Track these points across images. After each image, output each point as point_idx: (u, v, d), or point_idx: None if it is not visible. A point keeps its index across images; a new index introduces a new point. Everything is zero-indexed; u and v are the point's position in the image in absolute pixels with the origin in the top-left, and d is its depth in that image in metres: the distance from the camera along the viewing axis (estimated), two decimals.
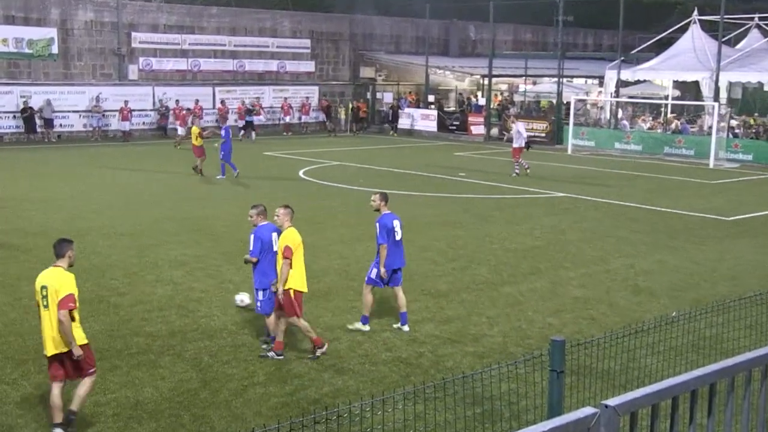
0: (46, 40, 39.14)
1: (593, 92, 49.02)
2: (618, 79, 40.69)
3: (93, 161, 31.56)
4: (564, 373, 5.56)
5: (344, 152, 36.27)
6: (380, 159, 33.56)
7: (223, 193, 23.80)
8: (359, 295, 13.21)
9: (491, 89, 45.63)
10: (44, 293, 7.77)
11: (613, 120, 41.24)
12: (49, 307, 7.77)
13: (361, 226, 18.96)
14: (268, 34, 46.61)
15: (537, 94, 49.66)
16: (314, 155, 34.31)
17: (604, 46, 61.64)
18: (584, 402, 6.92)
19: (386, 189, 24.78)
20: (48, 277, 7.86)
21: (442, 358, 10.37)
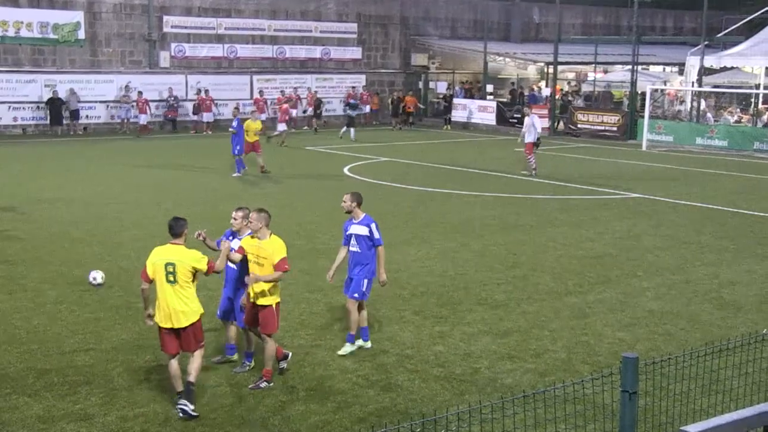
0: (72, 24, 39.91)
1: (672, 81, 48.36)
2: (701, 67, 40.06)
3: (121, 156, 32.10)
4: (637, 395, 5.50)
5: (393, 147, 36.31)
6: (433, 155, 33.55)
7: (262, 192, 24.02)
8: (408, 303, 13.25)
9: (557, 78, 45.30)
10: (171, 269, 8.99)
11: (694, 112, 40.61)
12: (177, 282, 8.98)
13: (412, 228, 18.98)
14: (311, 17, 46.91)
15: (608, 84, 49.17)
16: (360, 150, 34.42)
17: (685, 29, 60.77)
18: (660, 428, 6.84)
19: (439, 188, 24.96)
20: (173, 253, 9.09)
21: (499, 375, 10.33)
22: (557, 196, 24.25)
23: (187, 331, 9.15)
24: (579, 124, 42.55)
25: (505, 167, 29.85)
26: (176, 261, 9.04)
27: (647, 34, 54.20)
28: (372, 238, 11.03)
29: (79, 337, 11.44)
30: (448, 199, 23.33)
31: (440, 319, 12.48)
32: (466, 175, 28.22)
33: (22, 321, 12.11)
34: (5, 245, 16.77)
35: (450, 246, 17.36)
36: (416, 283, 14.49)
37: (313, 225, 19.32)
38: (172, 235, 9.23)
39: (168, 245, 9.23)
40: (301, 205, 21.94)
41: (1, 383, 9.79)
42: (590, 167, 31.07)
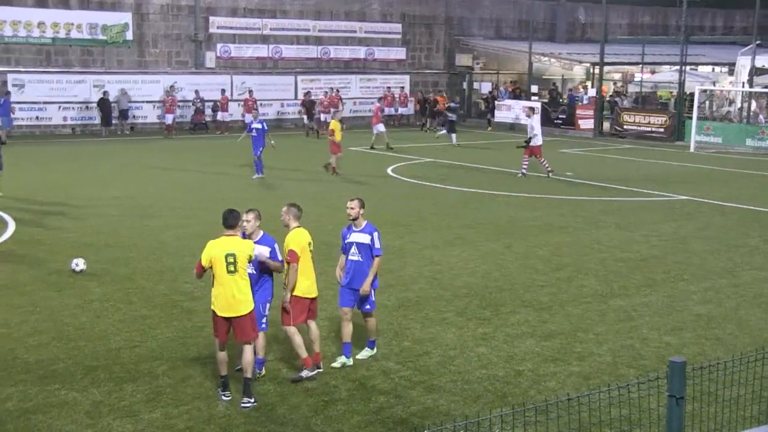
0: (120, 25, 40.48)
1: (722, 82, 47.62)
2: (752, 67, 39.40)
3: (166, 155, 32.45)
4: (685, 400, 5.42)
5: (436, 148, 36.25)
6: (477, 156, 33.44)
7: (305, 192, 24.11)
8: (451, 304, 13.22)
9: (602, 79, 44.88)
10: (231, 260, 9.32)
11: (744, 113, 39.95)
12: (238, 272, 9.33)
13: (455, 229, 18.93)
14: (355, 17, 47.04)
15: (655, 84, 48.60)
16: (403, 151, 34.41)
17: (736, 29, 59.75)
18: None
19: (482, 189, 24.86)
20: (232, 244, 9.41)
21: (543, 378, 10.26)
22: (602, 197, 24.02)
23: (245, 318, 9.43)
24: (625, 125, 42.10)
25: (551, 168, 29.59)
26: (236, 251, 9.37)
27: (696, 33, 53.46)
28: (372, 248, 10.57)
29: (125, 334, 11.58)
30: (492, 200, 23.22)
31: (483, 321, 12.43)
32: (510, 176, 28.07)
33: (70, 318, 12.29)
34: (54, 243, 17.04)
35: (493, 247, 17.28)
36: (459, 284, 14.45)
37: None
38: (227, 226, 9.49)
39: (223, 237, 9.48)
40: (342, 205, 21.92)
41: (51, 379, 9.95)
42: (636, 169, 30.73)
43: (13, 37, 38.19)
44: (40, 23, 38.66)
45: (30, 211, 20.49)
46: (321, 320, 11.42)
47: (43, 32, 38.79)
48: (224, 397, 9.46)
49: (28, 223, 18.99)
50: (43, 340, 11.29)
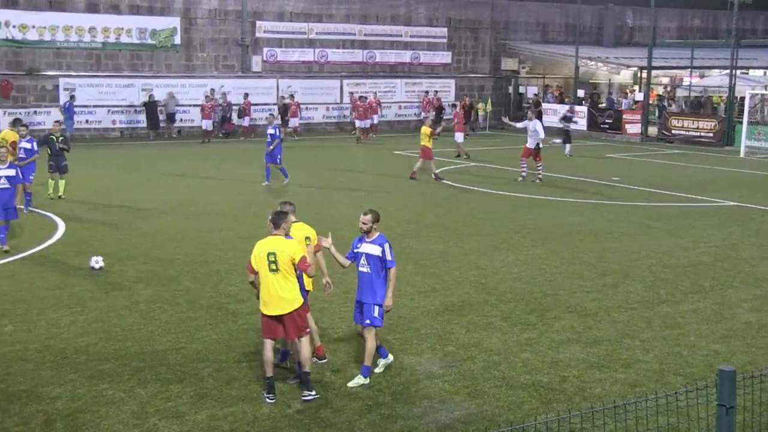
0: (169, 30, 41.03)
1: None
2: None
3: (212, 159, 32.74)
4: (735, 410, 5.33)
5: (482, 152, 36.14)
6: None
7: (352, 197, 24.18)
8: (496, 309, 13.15)
9: (650, 83, 44.38)
10: (273, 258, 9.51)
11: None
12: (280, 271, 9.50)
13: (500, 234, 18.85)
14: (401, 21, 47.10)
15: (704, 89, 47.93)
16: (448, 155, 34.33)
17: None
18: None
19: (528, 194, 24.71)
20: (274, 243, 9.61)
21: (588, 385, 10.16)
22: (650, 203, 23.74)
23: (292, 315, 9.59)
24: (673, 129, 41.58)
25: (597, 173, 29.36)
26: (277, 250, 9.56)
27: (747, 37, 52.66)
28: (384, 260, 10.17)
29: (171, 336, 11.70)
30: (538, 205, 23.07)
31: (528, 326, 12.35)
32: (556, 180, 27.87)
33: (117, 319, 12.45)
34: (102, 246, 17.26)
35: (539, 252, 17.16)
36: (504, 289, 14.38)
37: (402, 229, 19.34)
38: (274, 226, 9.72)
39: (269, 237, 9.73)
40: (391, 209, 21.99)
41: (98, 379, 10.09)
42: (685, 174, 30.33)
43: (65, 42, 38.90)
44: (91, 28, 39.31)
45: (79, 213, 20.81)
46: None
47: (94, 37, 39.45)
48: (268, 399, 9.52)
49: (77, 225, 19.29)
50: (92, 340, 11.46)
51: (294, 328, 9.67)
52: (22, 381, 9.98)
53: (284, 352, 10.62)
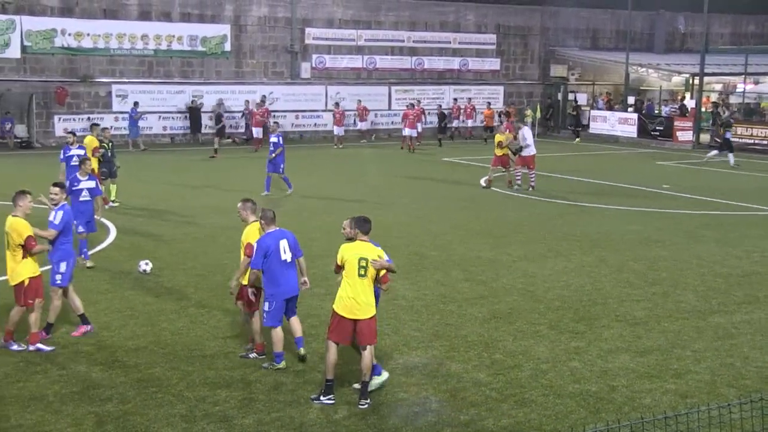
0: (219, 37, 41.47)
1: None
2: None
3: (259, 165, 32.94)
4: None
5: None
6: (571, 167, 32.97)
7: (399, 203, 24.18)
8: (544, 317, 13.05)
9: (702, 90, 43.73)
10: (364, 264, 9.69)
11: None
12: (367, 277, 9.70)
13: (548, 242, 18.71)
14: (450, 28, 47.04)
15: (758, 95, 47.06)
16: None
17: None
18: None
19: (576, 201, 24.48)
20: (366, 250, 9.80)
21: (638, 395, 10.03)
22: (702, 210, 23.38)
23: (368, 322, 9.77)
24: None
25: (647, 181, 29.00)
26: (369, 257, 9.73)
27: None
28: None
29: (220, 341, 11.79)
30: (586, 213, 22.86)
31: (576, 335, 12.24)
32: (605, 188, 27.60)
33: (167, 323, 12.59)
34: (152, 250, 17.46)
35: (587, 260, 17.00)
36: (552, 296, 14.26)
37: (450, 236, 19.31)
38: (364, 232, 9.89)
39: (358, 242, 9.85)
40: (436, 216, 21.97)
41: (148, 382, 10.20)
42: (738, 182, 29.83)
43: (119, 49, 39.49)
44: (144, 36, 39.88)
45: (130, 218, 21.08)
46: None
47: (146, 44, 40.01)
48: (328, 401, 9.58)
49: (128, 231, 19.53)
50: (141, 343, 11.60)
51: (368, 333, 9.79)
52: (74, 383, 10.14)
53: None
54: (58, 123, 38.29)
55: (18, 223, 10.94)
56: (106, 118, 38.52)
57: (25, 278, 11.02)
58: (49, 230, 11.61)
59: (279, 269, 10.63)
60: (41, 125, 38.12)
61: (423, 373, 10.63)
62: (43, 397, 9.73)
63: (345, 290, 9.75)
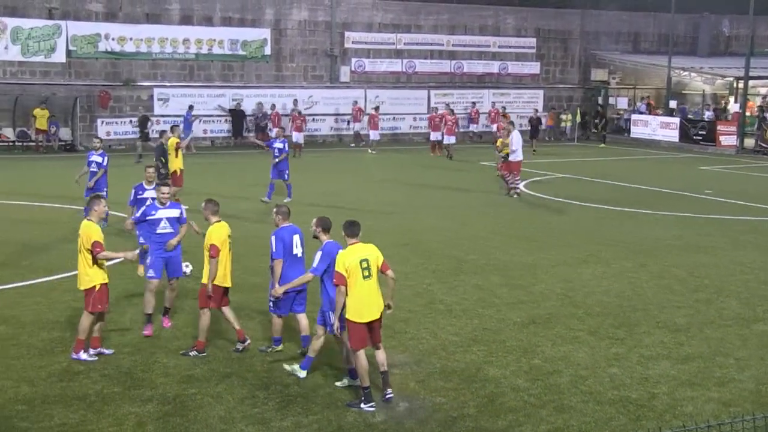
0: (259, 41, 41.81)
1: None
2: None
3: (299, 166, 33.10)
4: None
5: (570, 164, 35.71)
6: (611, 172, 32.70)
7: (436, 207, 24.16)
8: (583, 323, 12.95)
9: (747, 93, 43.13)
10: (366, 265, 9.71)
11: None
12: (372, 276, 9.74)
13: (588, 247, 18.57)
14: (489, 32, 46.92)
15: None
16: (536, 166, 34.02)
17: None
18: None
19: (617, 206, 24.27)
20: (366, 251, 9.87)
21: (679, 402, 9.91)
22: (745, 216, 23.06)
23: (380, 320, 9.92)
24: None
25: (689, 186, 28.67)
26: (369, 256, 9.80)
27: None
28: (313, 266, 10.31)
29: (259, 342, 11.84)
30: (627, 218, 22.65)
31: (616, 341, 12.12)
32: (647, 193, 27.33)
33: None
34: (197, 251, 17.58)
35: (628, 266, 16.83)
36: (592, 302, 14.15)
37: (489, 240, 19.24)
38: (352, 235, 9.91)
39: (353, 246, 9.85)
40: (475, 220, 21.91)
41: (188, 383, 10.28)
42: None
43: (160, 53, 40.01)
44: (185, 40, 40.33)
45: None
46: None
47: (188, 48, 40.46)
48: (369, 408, 9.56)
49: None
50: (182, 345, 11.68)
51: (379, 333, 9.94)
52: (116, 383, 10.26)
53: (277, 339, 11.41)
54: (101, 126, 38.82)
55: (89, 228, 11.02)
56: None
57: (96, 284, 11.09)
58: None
59: (290, 262, 11.02)
60: (85, 128, 38.58)
61: (461, 378, 10.59)
62: (86, 396, 9.85)
63: (354, 297, 9.66)
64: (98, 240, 10.90)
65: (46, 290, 14.41)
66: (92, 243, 10.84)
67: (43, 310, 13.18)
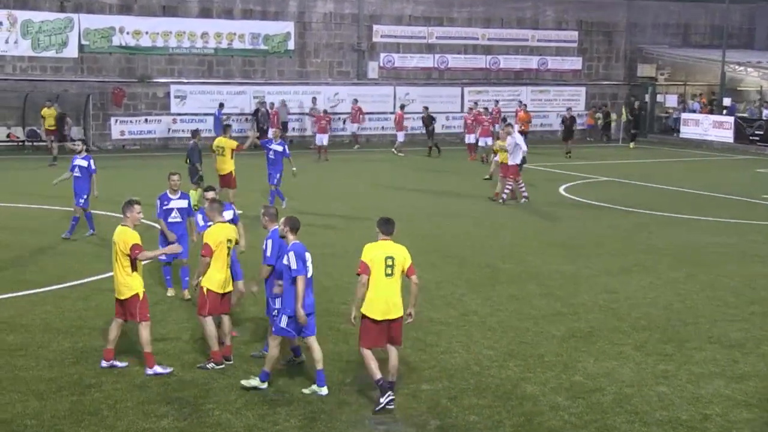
0: (282, 35, 41.94)
1: None
2: None
3: (322, 169, 33.20)
4: None
5: (613, 166, 35.51)
6: (659, 175, 32.49)
7: (467, 213, 24.11)
8: (628, 337, 12.87)
9: None
10: (390, 263, 10.13)
11: None
12: (394, 276, 10.15)
13: (632, 255, 18.47)
14: (527, 25, 46.82)
15: None
16: (576, 169, 33.90)
17: None
18: None
19: (665, 212, 24.11)
20: (394, 250, 10.28)
21: (734, 425, 9.82)
22: None
23: (401, 322, 10.34)
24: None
25: (745, 190, 28.40)
26: (395, 255, 10.20)
27: None
28: (289, 267, 10.40)
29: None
30: (675, 225, 22.49)
31: (664, 357, 12.04)
32: (697, 197, 27.13)
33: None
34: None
35: (676, 276, 16.71)
36: (637, 315, 14.06)
37: (525, 247, 19.18)
38: (385, 233, 10.33)
39: (381, 242, 10.31)
40: (512, 225, 21.85)
41: (205, 399, 10.33)
42: None
43: (178, 48, 40.25)
44: (204, 34, 40.55)
45: None
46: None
47: (206, 43, 40.66)
48: (387, 400, 9.91)
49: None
50: (199, 358, 11.72)
51: (399, 334, 10.36)
52: (129, 398, 10.32)
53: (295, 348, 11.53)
54: (115, 125, 39.17)
55: (125, 233, 11.13)
56: (163, 120, 39.38)
57: (138, 291, 11.23)
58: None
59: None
60: (97, 127, 38.97)
61: (496, 395, 10.56)
62: (98, 411, 9.92)
63: (375, 293, 10.10)
64: (136, 242, 11.10)
65: (57, 298, 14.56)
66: (131, 247, 11.02)
67: (54, 320, 13.31)
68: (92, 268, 16.45)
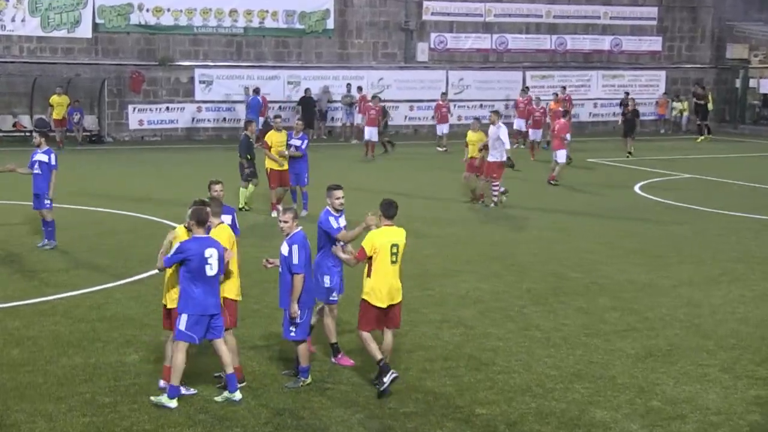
0: (320, 12, 41.96)
1: None
2: None
3: (357, 165, 33.26)
4: None
5: (697, 161, 35.25)
6: (749, 171, 32.19)
7: (531, 214, 24.03)
8: (714, 357, 12.75)
9: None
10: (395, 250, 11.26)
11: None
12: (398, 262, 11.32)
13: (720, 263, 18.33)
14: (599, 1, 46.49)
15: None
16: (654, 164, 33.66)
17: None
18: None
19: (757, 213, 23.82)
20: (398, 236, 11.39)
21: None
22: None
23: (400, 306, 11.58)
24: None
25: None
26: (399, 242, 11.35)
27: None
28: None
29: (316, 374, 11.89)
30: (750, 225, 22.30)
31: (757, 381, 11.91)
32: None
33: (250, 350, 12.81)
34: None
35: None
36: (724, 332, 13.93)
37: (596, 254, 19.08)
38: (387, 216, 11.38)
39: (386, 228, 11.38)
40: (580, 230, 21.75)
41: (230, 420, 10.38)
42: None
43: (203, 27, 40.42)
44: (232, 11, 40.64)
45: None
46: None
47: (235, 21, 40.77)
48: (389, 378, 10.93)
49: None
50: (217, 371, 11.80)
51: (397, 317, 11.60)
52: (146, 419, 10.39)
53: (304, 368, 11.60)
54: (133, 114, 39.51)
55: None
56: (187, 108, 39.61)
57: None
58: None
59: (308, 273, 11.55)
60: (113, 116, 39.36)
61: (561, 421, 10.53)
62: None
63: (380, 280, 11.22)
64: None
65: (69, 308, 14.73)
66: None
67: (64, 332, 13.46)
68: (106, 275, 16.64)
